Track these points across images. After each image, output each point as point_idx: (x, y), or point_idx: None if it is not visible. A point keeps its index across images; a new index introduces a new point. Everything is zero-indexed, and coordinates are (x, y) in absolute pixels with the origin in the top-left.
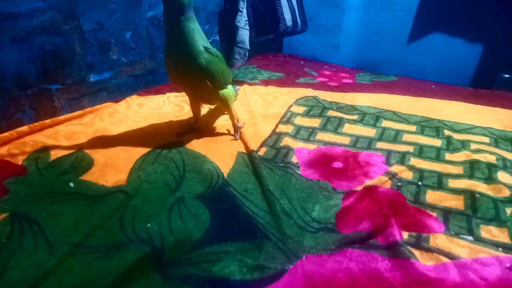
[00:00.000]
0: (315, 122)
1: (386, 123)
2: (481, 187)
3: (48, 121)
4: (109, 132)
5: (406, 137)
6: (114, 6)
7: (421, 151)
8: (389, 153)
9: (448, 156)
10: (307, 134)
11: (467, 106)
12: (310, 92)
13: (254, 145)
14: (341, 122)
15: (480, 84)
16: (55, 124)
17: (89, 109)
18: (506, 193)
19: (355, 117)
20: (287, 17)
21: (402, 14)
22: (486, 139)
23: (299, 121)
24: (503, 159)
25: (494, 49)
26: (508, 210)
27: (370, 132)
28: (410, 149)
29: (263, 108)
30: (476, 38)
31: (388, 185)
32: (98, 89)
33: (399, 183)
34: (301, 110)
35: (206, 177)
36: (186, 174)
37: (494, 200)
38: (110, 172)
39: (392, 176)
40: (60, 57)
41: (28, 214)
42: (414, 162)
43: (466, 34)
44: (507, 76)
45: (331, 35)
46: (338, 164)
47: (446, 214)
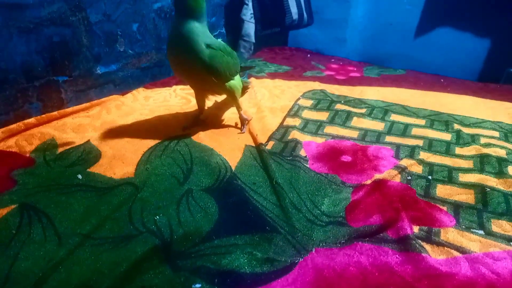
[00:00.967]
0: (323, 116)
1: (394, 117)
2: (491, 181)
3: (55, 113)
4: (116, 124)
5: (415, 131)
6: None
7: (430, 145)
8: (398, 147)
9: (458, 150)
10: (315, 128)
11: (477, 100)
12: (317, 85)
13: (262, 138)
14: (349, 115)
15: (487, 79)
16: (63, 116)
17: (96, 101)
18: None
19: (363, 110)
20: (293, 10)
21: (410, 8)
22: (496, 133)
23: (307, 114)
24: None
25: (502, 44)
26: None
27: (379, 125)
28: (420, 143)
29: (270, 101)
30: (484, 33)
31: (397, 179)
32: (105, 81)
33: (409, 177)
34: (308, 103)
35: (214, 170)
36: (194, 167)
37: (505, 194)
38: (117, 164)
39: (401, 170)
40: (67, 48)
41: (36, 206)
42: (423, 156)
43: (474, 29)
44: None
45: (338, 29)
46: (346, 157)
47: (457, 208)
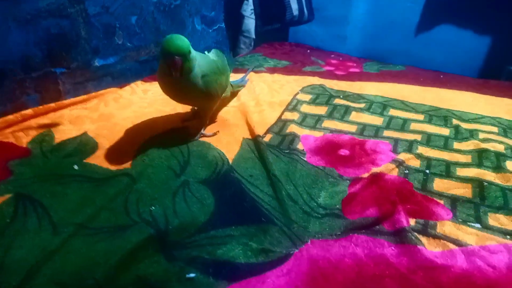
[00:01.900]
0: (322, 110)
1: (393, 112)
2: (489, 176)
3: (52, 104)
4: (113, 117)
5: (413, 125)
6: None
7: (429, 140)
8: (396, 141)
9: (456, 145)
10: (313, 122)
11: (476, 96)
12: (316, 80)
13: (260, 131)
14: (347, 110)
15: (487, 76)
16: (60, 108)
17: (93, 93)
18: None
19: (362, 105)
20: (294, 6)
21: (411, 5)
22: (495, 129)
23: (305, 108)
24: None
25: (503, 42)
26: None
27: (377, 120)
28: (418, 137)
29: (269, 95)
30: (484, 30)
31: (395, 172)
32: (103, 73)
33: (406, 171)
34: (307, 98)
35: (211, 162)
36: (191, 159)
37: (502, 188)
38: (114, 155)
39: (399, 164)
40: (65, 40)
41: (32, 195)
42: (421, 150)
43: (474, 27)
44: None
45: (338, 26)
46: (344, 151)
47: (454, 202)
